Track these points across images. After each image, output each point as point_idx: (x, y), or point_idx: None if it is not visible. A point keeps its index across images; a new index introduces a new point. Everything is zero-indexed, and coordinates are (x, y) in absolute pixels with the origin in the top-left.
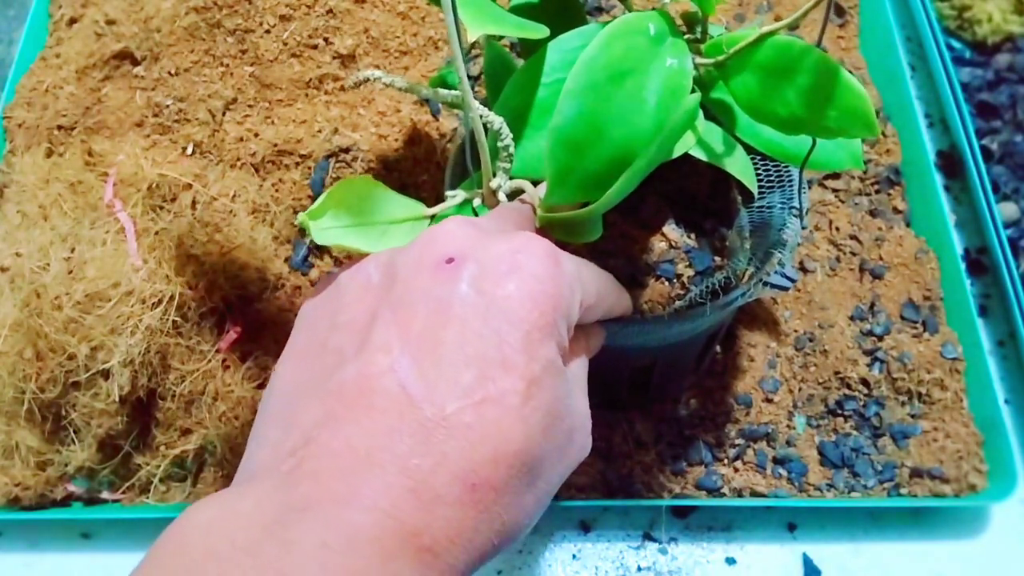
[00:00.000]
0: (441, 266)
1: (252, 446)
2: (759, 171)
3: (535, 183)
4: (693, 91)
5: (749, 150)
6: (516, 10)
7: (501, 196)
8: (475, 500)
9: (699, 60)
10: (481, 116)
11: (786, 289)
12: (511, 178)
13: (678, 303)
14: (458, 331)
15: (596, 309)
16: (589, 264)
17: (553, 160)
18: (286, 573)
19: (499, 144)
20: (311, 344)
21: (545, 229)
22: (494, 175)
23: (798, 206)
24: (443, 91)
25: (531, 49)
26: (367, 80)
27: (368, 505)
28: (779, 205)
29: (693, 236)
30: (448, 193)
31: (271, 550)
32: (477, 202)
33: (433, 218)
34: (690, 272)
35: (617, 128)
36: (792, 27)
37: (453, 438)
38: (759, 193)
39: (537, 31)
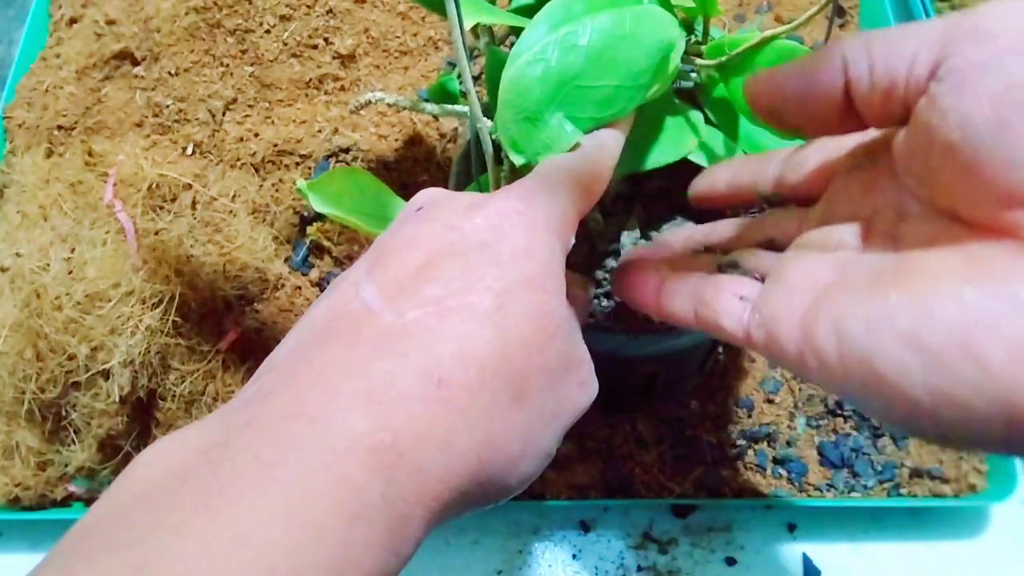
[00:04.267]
0: (410, 214)
1: None
2: None
3: None
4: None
5: None
6: (516, 12)
7: None
8: (444, 397)
9: (700, 62)
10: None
11: None
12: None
13: None
14: (422, 256)
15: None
16: (570, 180)
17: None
18: (212, 494)
19: (502, 153)
20: None
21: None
22: (498, 184)
23: None
24: (449, 107)
25: None
26: (369, 103)
27: (313, 414)
28: None
29: None
30: None
31: (202, 471)
32: None
33: None
34: None
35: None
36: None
37: (412, 338)
38: None
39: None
